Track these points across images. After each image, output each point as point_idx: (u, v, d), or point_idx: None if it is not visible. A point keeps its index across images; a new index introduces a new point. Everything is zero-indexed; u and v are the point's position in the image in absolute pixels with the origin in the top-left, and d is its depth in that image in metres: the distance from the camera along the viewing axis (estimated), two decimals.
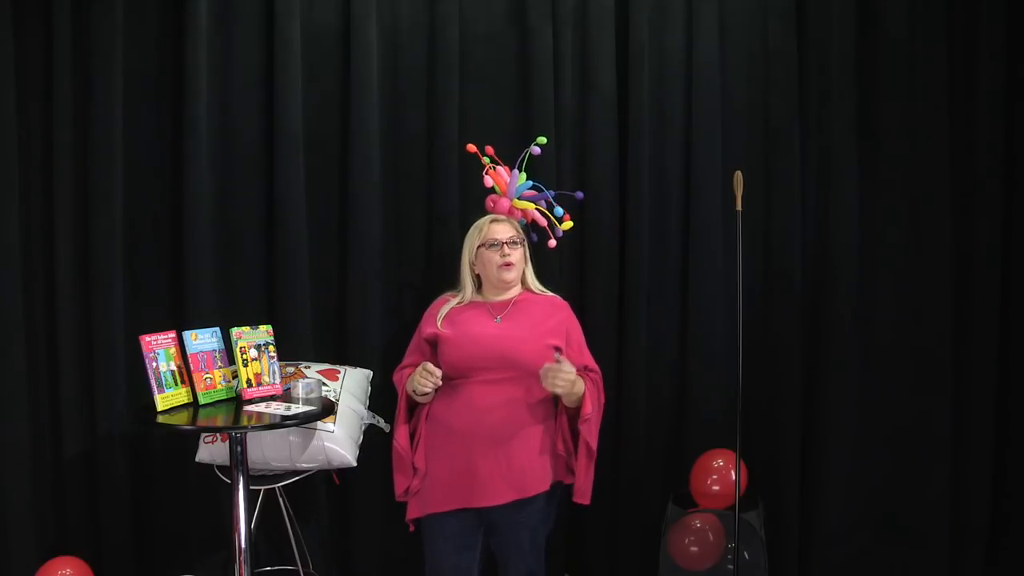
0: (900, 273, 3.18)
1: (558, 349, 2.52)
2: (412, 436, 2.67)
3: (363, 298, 3.16)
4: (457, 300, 2.69)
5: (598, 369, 2.69)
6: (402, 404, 2.66)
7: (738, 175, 2.77)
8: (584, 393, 2.53)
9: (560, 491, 2.64)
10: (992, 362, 3.17)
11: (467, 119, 3.18)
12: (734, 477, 2.85)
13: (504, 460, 2.50)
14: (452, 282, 2.85)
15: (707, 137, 3.18)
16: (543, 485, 2.54)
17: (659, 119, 3.20)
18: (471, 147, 2.81)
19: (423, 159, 3.20)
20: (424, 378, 2.52)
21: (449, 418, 2.57)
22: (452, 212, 3.16)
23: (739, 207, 2.76)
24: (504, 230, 2.66)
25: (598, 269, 3.18)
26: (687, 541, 2.98)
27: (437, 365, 2.58)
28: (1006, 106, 3.13)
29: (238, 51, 3.14)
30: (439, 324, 2.64)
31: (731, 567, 2.89)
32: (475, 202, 3.14)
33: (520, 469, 2.51)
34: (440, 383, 2.54)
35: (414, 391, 2.58)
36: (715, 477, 2.99)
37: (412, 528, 2.65)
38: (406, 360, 2.74)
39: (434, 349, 2.67)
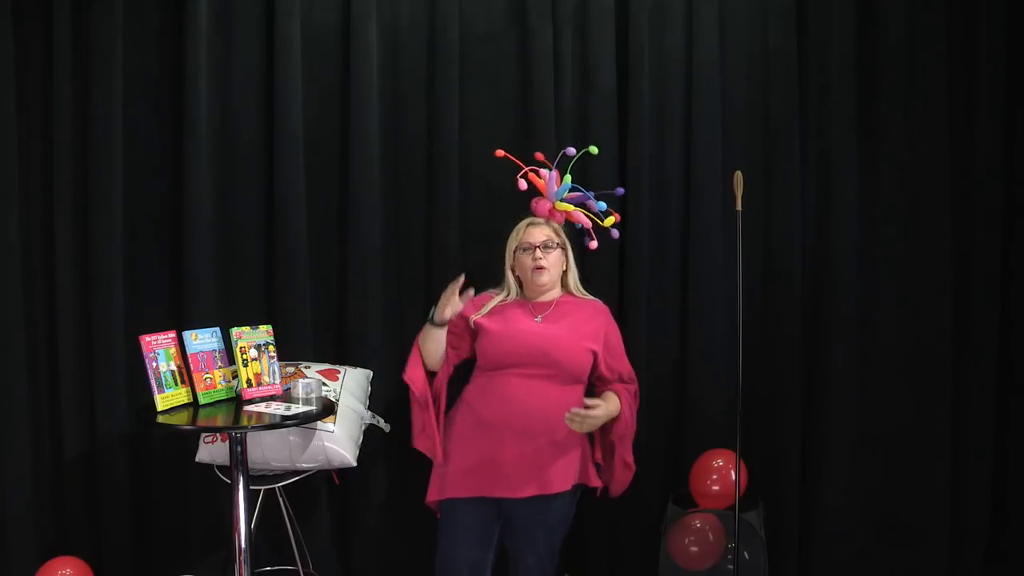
0: (900, 273, 3.19)
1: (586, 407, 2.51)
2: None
3: (363, 298, 3.16)
4: (501, 298, 2.70)
5: (635, 377, 2.70)
6: (415, 351, 2.65)
7: (738, 175, 2.77)
8: (620, 411, 2.58)
9: (580, 494, 2.65)
10: (992, 361, 3.17)
11: (467, 119, 3.17)
12: (734, 477, 2.85)
13: (530, 454, 2.52)
14: (450, 281, 2.85)
15: (707, 137, 3.17)
16: (566, 484, 2.56)
17: (659, 119, 3.20)
18: (500, 152, 2.77)
19: (423, 159, 3.20)
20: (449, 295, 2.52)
21: (482, 407, 2.59)
22: (452, 211, 3.16)
23: (739, 207, 2.76)
24: (539, 234, 2.66)
25: (598, 269, 3.17)
26: (687, 541, 2.97)
27: (467, 349, 2.67)
28: (1006, 106, 3.13)
29: (238, 51, 3.14)
30: (482, 314, 2.65)
31: (731, 567, 2.89)
32: (475, 202, 3.15)
33: (545, 465, 2.53)
34: (458, 294, 2.52)
35: (430, 319, 2.57)
36: (715, 477, 2.99)
37: (438, 515, 2.66)
38: None
39: (470, 334, 2.68)
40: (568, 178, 2.77)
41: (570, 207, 2.79)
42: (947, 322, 3.15)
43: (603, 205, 2.79)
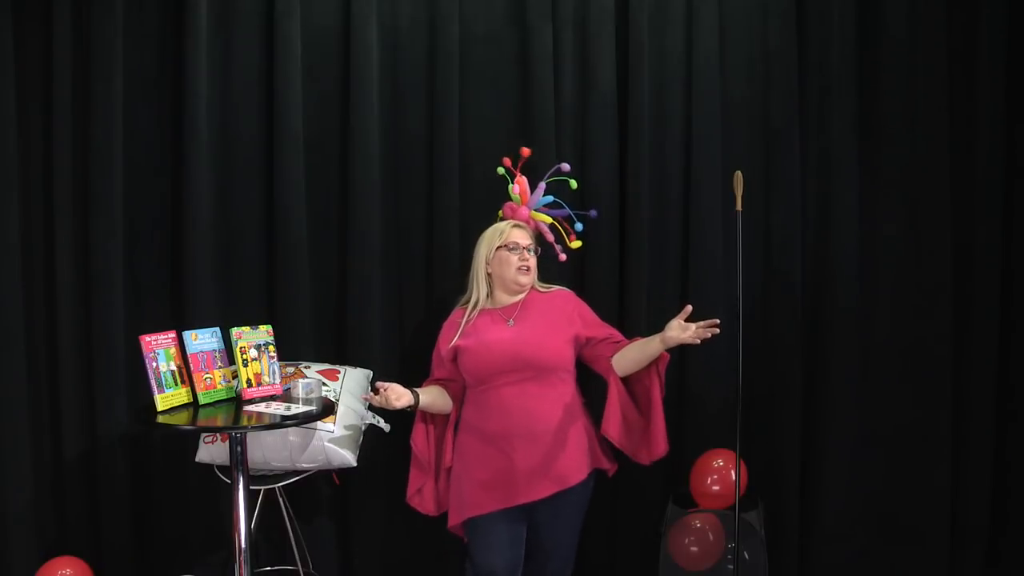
0: (900, 273, 3.18)
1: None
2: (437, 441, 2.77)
3: (363, 298, 3.16)
4: (469, 309, 2.71)
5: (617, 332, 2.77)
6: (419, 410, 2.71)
7: (738, 175, 2.76)
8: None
9: (594, 479, 2.70)
10: (992, 362, 3.17)
11: (467, 119, 3.18)
12: (734, 477, 2.85)
13: (541, 455, 2.56)
14: (451, 281, 2.85)
15: (707, 137, 3.17)
16: (581, 474, 2.61)
17: (659, 119, 3.20)
18: (507, 161, 2.91)
19: (423, 159, 3.20)
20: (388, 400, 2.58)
21: (482, 423, 2.62)
22: (452, 211, 3.16)
23: (739, 207, 2.76)
24: (524, 236, 2.73)
25: (598, 268, 3.17)
26: (687, 541, 2.98)
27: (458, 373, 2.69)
28: (1006, 106, 3.13)
29: (238, 51, 3.14)
30: (456, 339, 2.67)
31: (731, 567, 2.89)
32: (475, 202, 3.15)
33: (558, 462, 2.57)
34: (407, 401, 2.59)
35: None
36: (715, 477, 2.99)
37: (465, 540, 2.69)
38: (432, 374, 2.79)
39: (455, 362, 2.71)
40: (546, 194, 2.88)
41: (546, 217, 2.89)
42: (947, 322, 3.15)
43: (580, 227, 2.90)
